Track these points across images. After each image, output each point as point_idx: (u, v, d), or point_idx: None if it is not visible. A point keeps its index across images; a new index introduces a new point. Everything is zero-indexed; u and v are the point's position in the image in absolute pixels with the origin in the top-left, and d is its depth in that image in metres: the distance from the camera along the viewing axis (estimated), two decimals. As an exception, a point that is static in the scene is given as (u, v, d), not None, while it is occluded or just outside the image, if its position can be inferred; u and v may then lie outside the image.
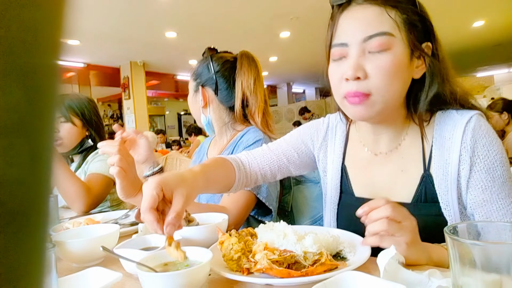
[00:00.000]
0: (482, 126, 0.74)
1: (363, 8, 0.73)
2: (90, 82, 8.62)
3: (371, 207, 0.64)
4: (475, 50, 7.57)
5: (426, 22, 0.75)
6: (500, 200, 0.72)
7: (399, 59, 0.71)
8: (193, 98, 1.28)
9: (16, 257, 0.13)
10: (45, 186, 0.14)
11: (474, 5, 4.96)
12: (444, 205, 0.75)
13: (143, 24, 4.96)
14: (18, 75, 0.13)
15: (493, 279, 0.41)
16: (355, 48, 0.73)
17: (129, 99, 7.18)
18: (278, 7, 4.52)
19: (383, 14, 0.72)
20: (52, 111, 0.14)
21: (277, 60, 7.66)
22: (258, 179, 0.95)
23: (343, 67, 0.74)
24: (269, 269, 0.58)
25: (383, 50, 0.71)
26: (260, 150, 0.97)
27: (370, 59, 0.72)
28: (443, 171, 0.76)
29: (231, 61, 1.26)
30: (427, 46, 0.76)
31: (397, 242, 0.61)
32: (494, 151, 0.72)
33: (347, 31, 0.75)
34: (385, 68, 0.71)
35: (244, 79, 1.22)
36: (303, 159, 0.97)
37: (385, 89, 0.72)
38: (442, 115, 0.79)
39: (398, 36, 0.72)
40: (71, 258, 0.79)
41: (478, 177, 0.73)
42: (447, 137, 0.76)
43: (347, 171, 0.90)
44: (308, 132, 0.98)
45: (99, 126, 1.67)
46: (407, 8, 0.73)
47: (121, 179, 0.92)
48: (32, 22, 0.13)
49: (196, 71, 1.28)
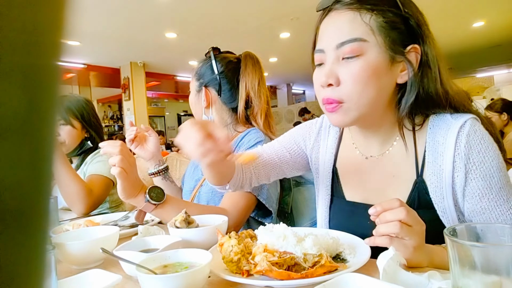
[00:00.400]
0: (477, 131, 0.71)
1: (338, 14, 0.73)
2: (90, 83, 8.62)
3: (384, 208, 0.63)
4: (475, 51, 7.57)
5: (411, 23, 0.72)
6: (499, 206, 0.70)
7: (373, 65, 0.70)
8: (195, 98, 1.28)
9: (16, 259, 0.13)
10: (45, 187, 0.14)
11: (474, 5, 4.96)
12: (441, 212, 0.73)
13: (143, 25, 4.97)
14: (19, 76, 0.13)
15: (493, 280, 0.41)
16: (329, 55, 0.73)
17: (129, 100, 7.18)
18: (278, 8, 4.52)
19: (355, 20, 0.71)
20: (53, 112, 0.14)
21: (277, 61, 7.66)
22: (253, 180, 0.93)
23: (321, 73, 0.74)
24: (269, 271, 0.58)
25: (356, 57, 0.70)
26: (254, 150, 0.96)
27: (343, 65, 0.72)
28: (437, 177, 0.74)
29: (234, 62, 1.26)
30: (413, 48, 0.73)
31: (405, 245, 0.60)
32: (490, 157, 0.70)
33: (324, 38, 0.75)
34: (357, 75, 0.70)
35: (248, 80, 1.22)
36: (296, 159, 0.96)
37: (356, 96, 0.71)
38: (436, 118, 0.77)
39: (372, 41, 0.70)
40: (71, 260, 0.79)
41: (475, 185, 0.71)
42: (440, 142, 0.74)
43: (338, 174, 0.89)
44: (300, 132, 0.97)
45: (98, 127, 1.67)
46: (386, 11, 0.71)
47: (122, 180, 0.92)
48: (33, 23, 0.13)
49: (199, 71, 1.27)
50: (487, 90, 7.13)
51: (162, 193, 0.98)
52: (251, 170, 0.92)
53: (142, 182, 1.01)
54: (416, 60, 0.73)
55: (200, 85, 1.25)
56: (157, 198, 0.97)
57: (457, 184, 0.72)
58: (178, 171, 2.10)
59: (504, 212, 0.70)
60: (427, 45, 0.73)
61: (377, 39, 0.70)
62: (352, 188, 0.86)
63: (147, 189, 0.97)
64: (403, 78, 0.73)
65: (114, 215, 1.25)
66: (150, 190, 0.97)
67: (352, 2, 0.72)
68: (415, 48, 0.73)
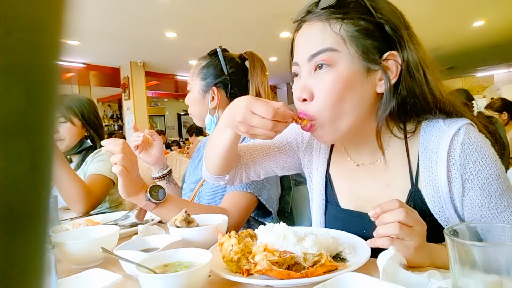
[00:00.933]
0: (472, 139, 0.68)
1: (310, 26, 0.72)
2: (90, 82, 8.61)
3: (384, 209, 0.62)
4: (475, 50, 7.56)
5: (386, 29, 0.69)
6: (500, 213, 0.68)
7: (345, 76, 0.68)
8: (200, 97, 1.25)
9: (15, 258, 0.13)
10: (45, 187, 0.14)
11: (474, 5, 4.96)
12: (444, 221, 0.71)
13: (143, 24, 4.96)
14: (19, 75, 0.13)
15: (493, 280, 0.41)
16: (303, 68, 0.72)
17: (129, 99, 7.18)
18: (278, 7, 4.52)
19: (326, 30, 0.69)
20: (52, 111, 0.14)
21: (277, 60, 7.65)
22: (243, 175, 0.93)
23: (296, 87, 0.74)
24: (269, 270, 0.58)
25: (328, 66, 0.68)
26: (244, 145, 0.95)
27: (315, 78, 0.70)
28: (432, 187, 0.71)
29: (240, 62, 1.26)
30: (390, 55, 0.69)
31: (406, 246, 0.60)
32: (487, 166, 0.67)
33: (297, 50, 0.75)
34: (328, 89, 0.68)
35: (258, 80, 1.23)
36: (286, 159, 0.94)
37: (328, 111, 0.69)
38: (429, 125, 0.73)
39: (343, 51, 0.68)
40: (71, 259, 0.79)
41: (473, 195, 0.68)
42: (434, 150, 0.71)
43: (331, 180, 0.87)
44: (293, 132, 0.94)
45: (98, 127, 1.68)
46: (358, 19, 0.68)
47: (124, 178, 0.92)
48: (33, 23, 0.13)
49: (204, 70, 1.24)
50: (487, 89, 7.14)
51: (163, 192, 0.99)
52: (242, 165, 0.92)
53: (143, 180, 1.01)
54: (396, 67, 0.70)
55: (208, 84, 1.23)
56: (158, 197, 0.97)
57: (455, 194, 0.70)
58: (178, 170, 2.11)
59: (505, 218, 0.68)
60: (407, 50, 0.69)
61: (349, 49, 0.68)
62: (346, 196, 0.84)
63: (148, 187, 0.97)
64: (382, 87, 0.70)
65: (114, 214, 1.25)
66: (151, 188, 0.97)
67: (322, 13, 0.70)
68: (393, 55, 0.70)
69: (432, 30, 5.69)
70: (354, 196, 0.82)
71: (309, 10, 0.73)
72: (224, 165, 0.86)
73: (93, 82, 8.61)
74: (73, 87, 8.41)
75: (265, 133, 0.70)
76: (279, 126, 0.69)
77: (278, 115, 0.68)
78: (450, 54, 7.61)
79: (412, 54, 0.69)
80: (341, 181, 0.86)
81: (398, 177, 0.76)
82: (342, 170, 0.86)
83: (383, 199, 0.75)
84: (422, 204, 0.73)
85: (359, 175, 0.82)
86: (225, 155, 0.83)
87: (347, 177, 0.84)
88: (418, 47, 0.71)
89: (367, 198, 0.80)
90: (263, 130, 0.69)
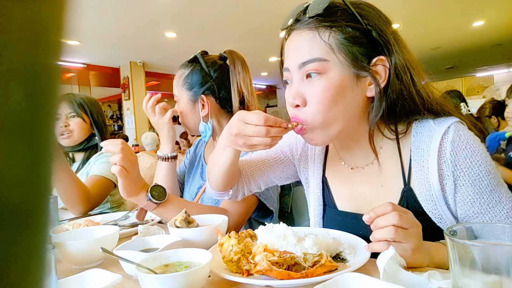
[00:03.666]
0: (462, 137, 0.69)
1: (298, 35, 0.73)
2: (89, 82, 8.61)
3: (377, 213, 0.62)
4: (475, 50, 7.57)
5: (373, 35, 0.70)
6: (491, 209, 0.69)
7: (336, 83, 0.69)
8: (190, 108, 1.21)
9: (15, 258, 0.13)
10: (46, 187, 0.14)
11: (474, 5, 4.96)
12: (438, 219, 0.72)
13: (143, 24, 4.97)
14: (19, 75, 0.13)
15: (493, 280, 0.41)
16: (294, 74, 0.74)
17: (129, 99, 7.18)
18: (278, 7, 4.52)
19: (315, 39, 0.70)
20: (52, 111, 0.14)
21: (277, 60, 7.67)
22: (245, 189, 0.95)
23: (289, 93, 0.75)
24: (269, 270, 0.58)
25: (319, 74, 0.70)
26: (243, 160, 0.97)
27: (308, 85, 0.72)
28: (425, 185, 0.72)
29: (221, 62, 1.23)
30: (379, 60, 0.71)
31: (403, 248, 0.60)
32: (477, 162, 0.68)
33: (288, 58, 0.76)
34: (320, 95, 0.70)
35: (240, 79, 1.20)
36: (283, 169, 0.96)
37: (321, 116, 0.71)
38: (419, 125, 0.75)
39: (333, 60, 0.69)
40: (71, 259, 0.79)
41: (465, 191, 0.70)
42: (425, 149, 0.72)
43: (328, 184, 0.88)
44: (287, 142, 0.96)
45: (103, 128, 1.71)
46: (345, 26, 0.69)
47: (123, 178, 0.93)
48: (33, 23, 0.13)
49: (188, 79, 1.21)
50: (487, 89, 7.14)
51: (164, 192, 0.99)
52: (243, 179, 0.94)
53: (144, 180, 1.01)
54: (384, 72, 0.71)
55: (195, 94, 1.19)
56: (159, 197, 0.97)
57: (447, 191, 0.71)
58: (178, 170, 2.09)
59: (497, 213, 0.69)
60: (394, 53, 0.71)
61: (338, 57, 0.69)
62: (343, 198, 0.85)
63: (149, 187, 0.97)
64: (372, 91, 0.72)
65: (114, 214, 1.25)
66: (152, 188, 0.97)
67: (310, 21, 0.71)
68: (381, 60, 0.71)
69: (432, 30, 5.69)
70: (350, 198, 0.84)
71: (297, 18, 0.74)
72: (227, 181, 0.89)
73: (93, 82, 8.61)
74: (73, 87, 8.40)
75: (261, 141, 0.72)
76: (273, 131, 0.71)
77: (269, 121, 0.71)
78: (450, 54, 7.62)
79: (399, 57, 0.71)
80: (338, 185, 0.87)
81: (391, 177, 0.78)
82: (338, 174, 0.87)
83: (378, 199, 0.77)
84: (415, 203, 0.74)
85: (354, 178, 0.83)
86: (227, 172, 0.86)
87: (343, 180, 0.86)
88: (404, 50, 0.73)
89: (364, 200, 0.81)
90: (259, 138, 0.71)
